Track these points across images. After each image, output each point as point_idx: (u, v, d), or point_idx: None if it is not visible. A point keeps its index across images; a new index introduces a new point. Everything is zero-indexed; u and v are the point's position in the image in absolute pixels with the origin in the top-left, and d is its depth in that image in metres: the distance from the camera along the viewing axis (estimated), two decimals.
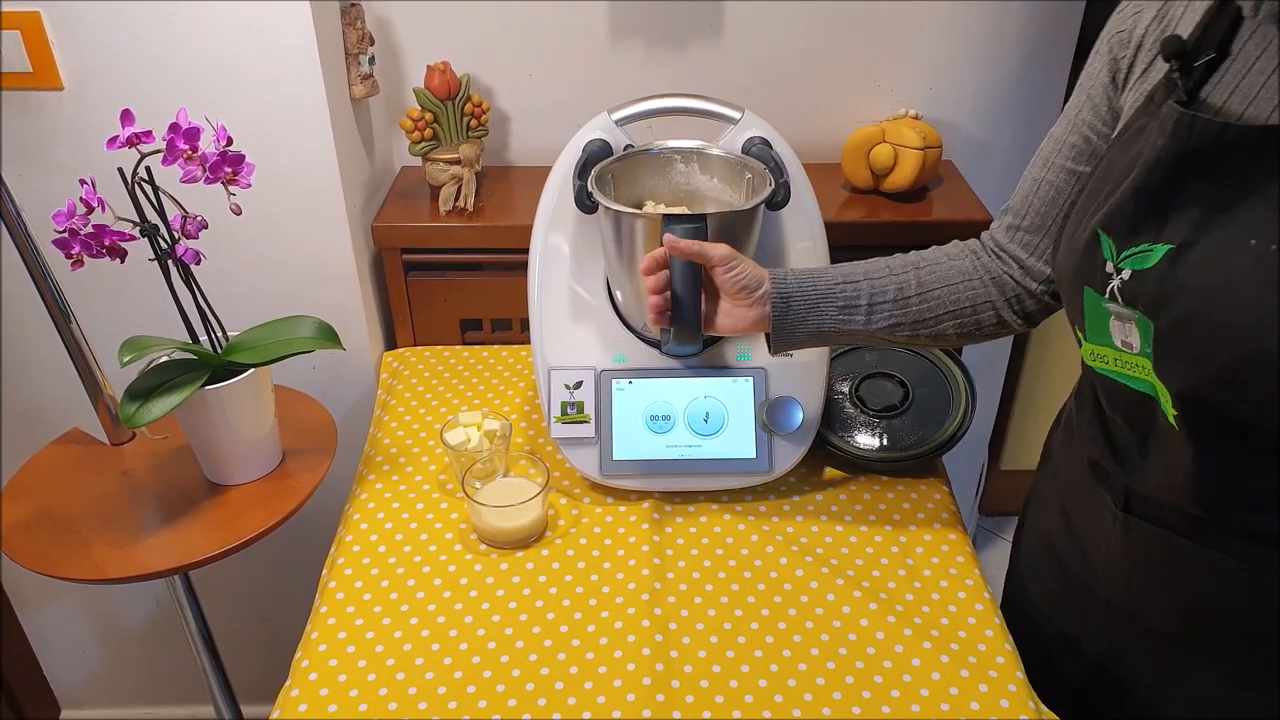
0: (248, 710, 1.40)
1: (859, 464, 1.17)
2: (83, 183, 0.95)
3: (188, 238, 1.02)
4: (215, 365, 1.06)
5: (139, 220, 0.99)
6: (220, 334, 1.09)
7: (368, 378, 1.42)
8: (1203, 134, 0.68)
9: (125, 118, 0.94)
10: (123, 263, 0.99)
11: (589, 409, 1.12)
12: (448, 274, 1.39)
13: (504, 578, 1.04)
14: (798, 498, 1.15)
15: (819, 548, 1.08)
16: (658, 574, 1.04)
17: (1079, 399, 0.94)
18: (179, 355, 1.06)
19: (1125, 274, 0.73)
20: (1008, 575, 1.11)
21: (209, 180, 0.97)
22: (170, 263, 1.02)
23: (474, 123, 1.38)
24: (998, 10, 1.40)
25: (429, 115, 1.35)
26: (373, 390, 1.41)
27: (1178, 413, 0.73)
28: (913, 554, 1.07)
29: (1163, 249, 0.70)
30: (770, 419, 1.11)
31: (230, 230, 1.08)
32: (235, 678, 1.33)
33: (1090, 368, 0.82)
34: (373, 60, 1.32)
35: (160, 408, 0.99)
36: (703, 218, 0.98)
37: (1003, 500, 2.23)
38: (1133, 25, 0.80)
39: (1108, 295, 0.75)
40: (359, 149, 1.35)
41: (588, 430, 1.12)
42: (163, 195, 0.99)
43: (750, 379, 1.13)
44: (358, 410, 1.43)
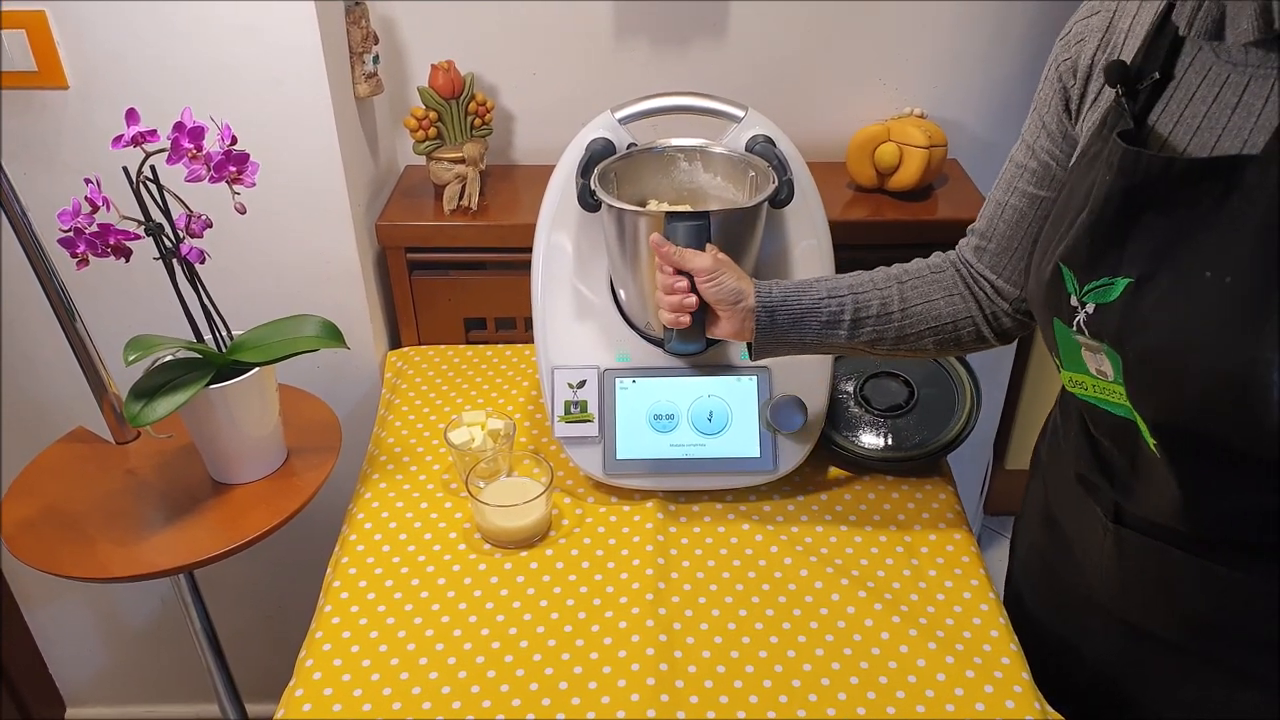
0: (252, 709, 1.40)
1: (863, 464, 1.17)
2: (87, 182, 0.95)
3: (192, 237, 1.02)
4: (220, 364, 1.06)
5: (144, 219, 0.99)
6: (225, 333, 1.09)
7: (372, 377, 1.42)
8: (1149, 169, 0.68)
9: (130, 117, 0.94)
10: (127, 262, 0.99)
11: (592, 408, 1.12)
12: (451, 273, 1.39)
13: (508, 577, 1.04)
14: (802, 497, 1.14)
15: (823, 547, 1.07)
16: (662, 574, 1.03)
17: (1064, 413, 0.93)
18: (183, 354, 1.06)
19: (1089, 307, 0.73)
20: (1006, 580, 1.11)
21: (213, 179, 0.97)
22: (175, 262, 1.02)
23: (478, 121, 1.38)
24: (1003, 9, 1.40)
25: (433, 114, 1.35)
26: (377, 389, 1.41)
27: (1156, 440, 0.73)
28: (918, 554, 1.07)
29: (1123, 282, 0.70)
30: (774, 418, 1.11)
31: (235, 229, 1.08)
32: (240, 676, 1.33)
33: (1071, 393, 0.82)
34: (377, 59, 1.32)
35: (165, 407, 0.99)
36: (705, 215, 0.98)
37: (1008, 500, 2.23)
38: (1077, 54, 0.80)
39: (1075, 328, 0.75)
40: (363, 148, 1.35)
41: (591, 429, 1.12)
42: (167, 194, 0.99)
43: (754, 378, 1.13)
44: (362, 409, 1.43)
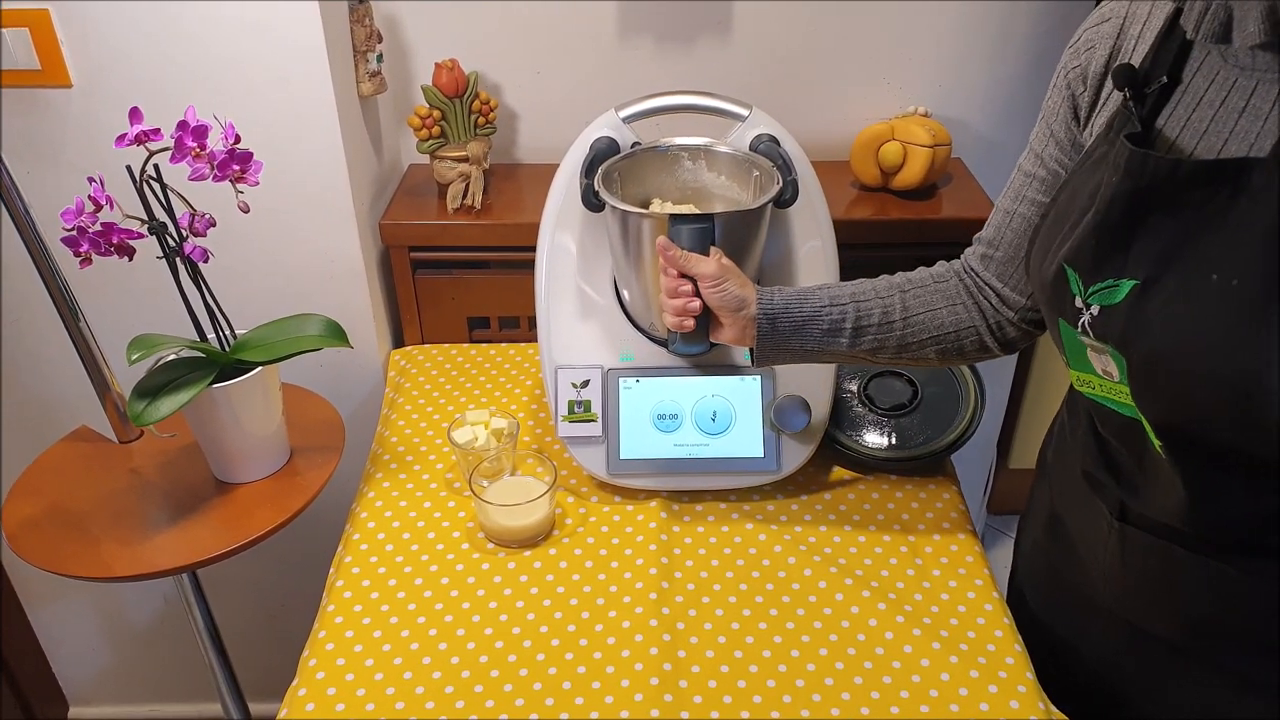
0: (255, 708, 1.40)
1: (867, 463, 1.17)
2: (91, 180, 0.95)
3: (196, 235, 1.02)
4: (223, 363, 1.06)
5: (147, 218, 0.99)
6: (228, 332, 1.09)
7: (375, 376, 1.42)
8: (1156, 171, 0.68)
9: (134, 115, 0.94)
10: (131, 260, 0.99)
11: (596, 408, 1.12)
12: (455, 272, 1.39)
13: (511, 577, 1.04)
14: (806, 497, 1.14)
15: (827, 547, 1.07)
16: (665, 573, 1.03)
17: (1071, 410, 0.93)
18: (187, 353, 1.06)
19: (1094, 309, 0.73)
20: (1009, 581, 1.10)
21: (217, 178, 0.97)
22: (178, 261, 1.02)
23: (482, 120, 1.38)
24: (1007, 7, 1.40)
25: (437, 113, 1.34)
26: (380, 388, 1.41)
27: (1161, 442, 0.73)
28: (921, 553, 1.06)
29: (1128, 284, 0.70)
30: (778, 418, 1.10)
31: (238, 228, 1.08)
32: (243, 675, 1.33)
33: (1079, 391, 0.82)
34: (380, 58, 1.32)
35: (168, 406, 0.99)
36: (710, 217, 0.97)
37: (1011, 499, 2.22)
38: (1087, 61, 0.80)
39: (1080, 330, 0.75)
40: (367, 147, 1.34)
41: (595, 429, 1.12)
42: (171, 193, 0.99)
43: (758, 378, 1.13)
44: (365, 408, 1.43)
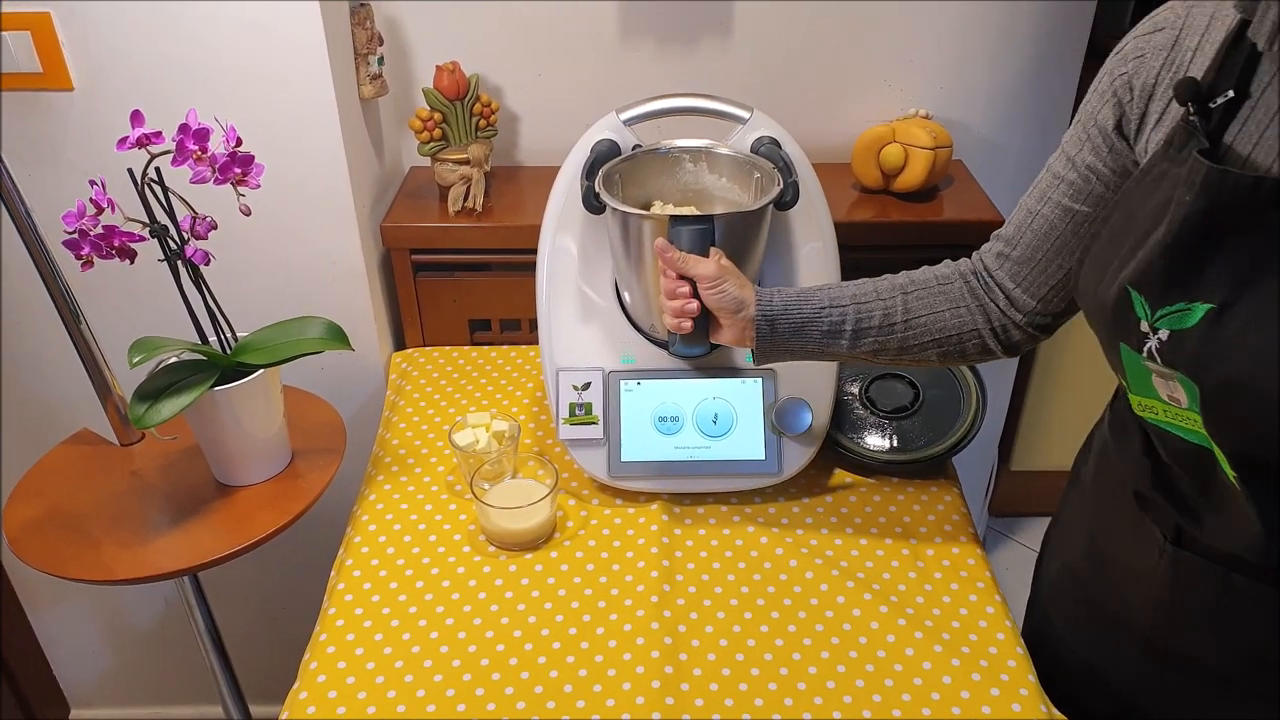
0: (256, 710, 1.40)
1: (869, 466, 1.17)
2: (92, 183, 0.95)
3: (197, 238, 1.02)
4: (224, 366, 1.06)
5: (149, 221, 0.99)
6: (229, 335, 1.09)
7: (376, 378, 1.42)
8: (1235, 190, 0.64)
9: (135, 118, 0.94)
10: (132, 263, 0.99)
11: (597, 410, 1.12)
12: (456, 274, 1.39)
13: (512, 580, 1.04)
14: (807, 499, 1.14)
15: (829, 550, 1.07)
16: (666, 576, 1.03)
17: (1119, 430, 0.90)
18: (188, 356, 1.06)
19: (1163, 334, 0.69)
20: (1030, 601, 1.08)
21: (218, 181, 0.97)
22: (180, 263, 1.02)
23: (483, 123, 1.38)
24: (1008, 9, 1.39)
25: (438, 115, 1.34)
26: (381, 391, 1.41)
27: (1237, 473, 0.70)
28: (923, 556, 1.06)
29: (1202, 308, 0.67)
30: (779, 420, 1.10)
31: (239, 231, 1.08)
32: (244, 678, 1.33)
33: (1140, 416, 0.79)
34: (382, 60, 1.32)
35: (170, 408, 0.99)
36: (710, 219, 0.97)
37: (1013, 501, 2.22)
38: (1135, 69, 0.77)
39: (1145, 355, 0.71)
40: (368, 149, 1.34)
41: (596, 431, 1.12)
42: (172, 196, 0.99)
43: (759, 380, 1.13)
44: (366, 411, 1.43)
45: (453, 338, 1.44)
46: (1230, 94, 0.68)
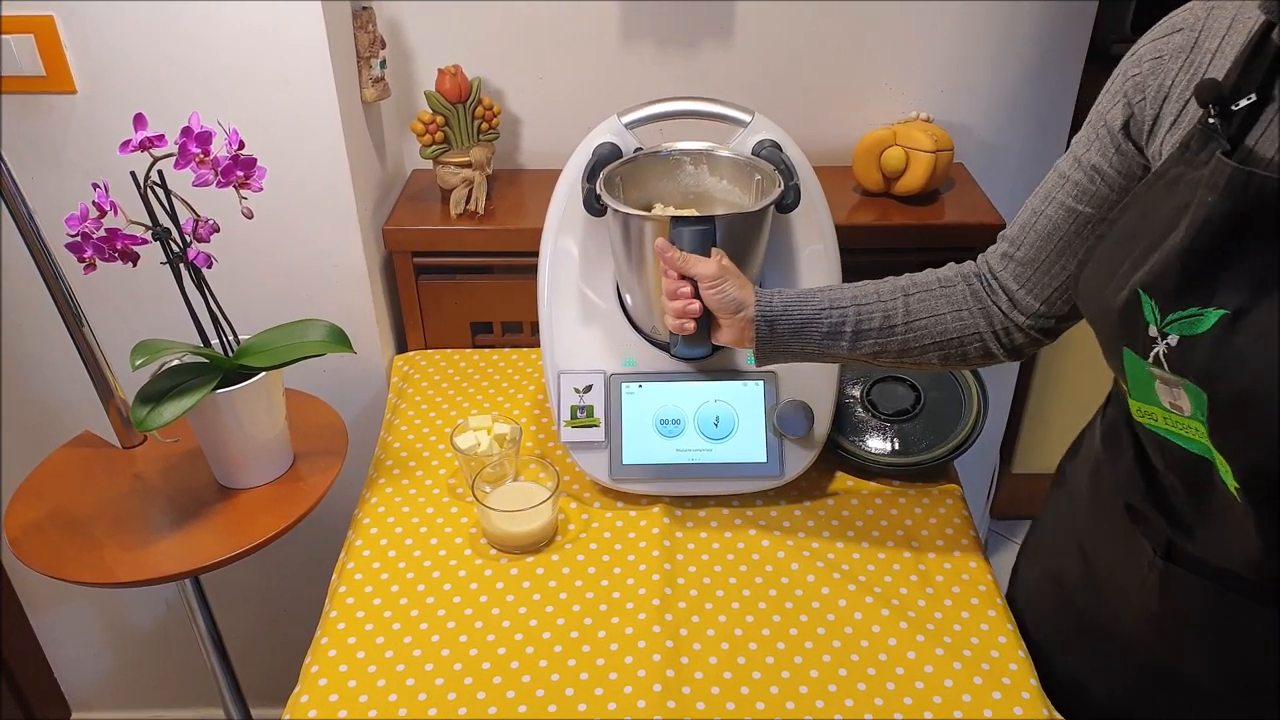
0: (257, 713, 1.40)
1: (870, 469, 1.17)
2: (95, 186, 0.95)
3: (199, 241, 1.02)
4: (226, 368, 1.06)
5: (151, 224, 0.99)
6: (231, 337, 1.09)
7: (378, 381, 1.42)
8: (1261, 192, 0.63)
9: (138, 121, 0.94)
10: (135, 266, 0.99)
11: (599, 413, 1.12)
12: (458, 277, 1.39)
13: (514, 583, 1.04)
14: (809, 502, 1.14)
15: (830, 553, 1.07)
16: (668, 579, 1.03)
17: (1111, 440, 0.88)
18: (190, 358, 1.06)
19: (1172, 339, 0.68)
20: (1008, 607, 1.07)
21: (221, 184, 0.97)
22: (182, 266, 1.02)
23: (484, 126, 1.38)
24: (1009, 11, 1.39)
25: (440, 118, 1.35)
26: (383, 393, 1.41)
27: (1240, 485, 0.68)
28: (924, 559, 1.06)
29: (1215, 314, 0.65)
30: (781, 423, 1.10)
31: (242, 233, 1.08)
32: (245, 680, 1.33)
33: (1139, 423, 0.78)
34: (384, 63, 1.32)
35: (172, 411, 0.99)
36: (711, 220, 0.98)
37: (1014, 504, 2.22)
38: (1151, 71, 0.76)
39: (1151, 360, 0.70)
40: (370, 152, 1.35)
41: (598, 434, 1.12)
42: (175, 199, 0.99)
43: (761, 383, 1.13)
44: (368, 413, 1.43)
45: (454, 340, 1.44)
46: (1253, 97, 0.67)
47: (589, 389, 1.12)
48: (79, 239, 0.95)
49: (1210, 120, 0.68)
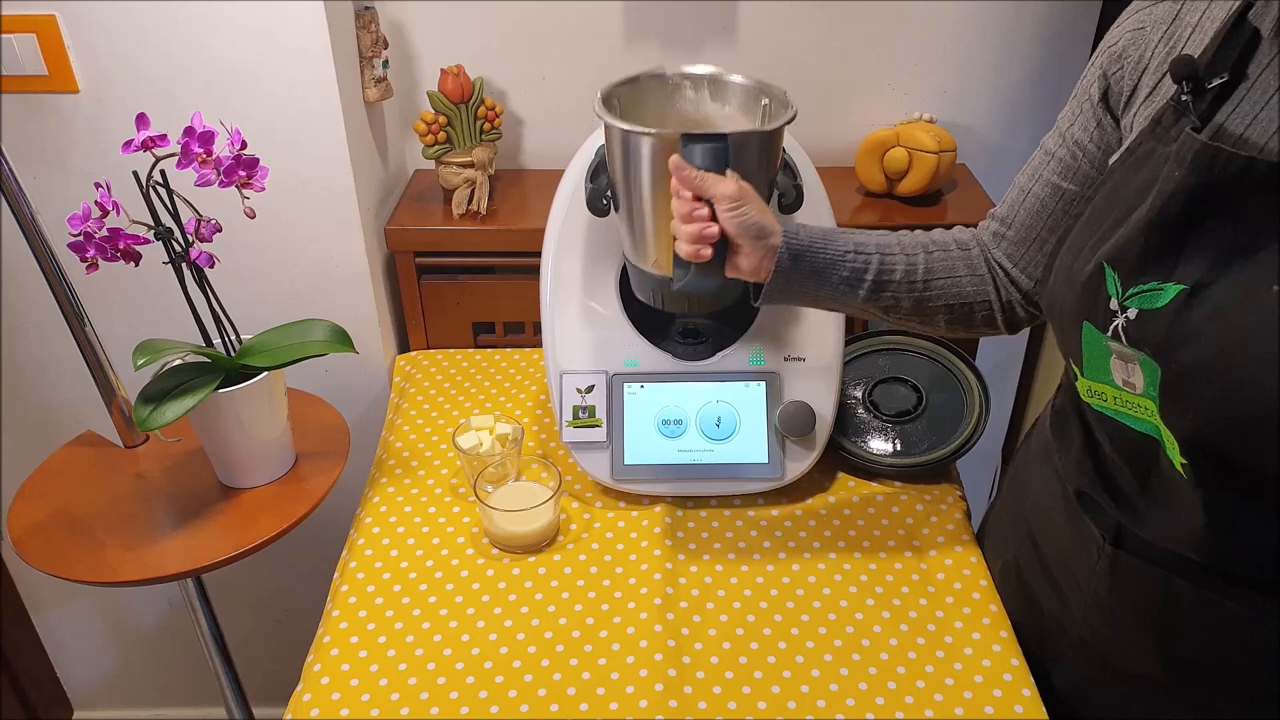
0: (259, 712, 1.40)
1: (872, 470, 1.17)
2: (97, 186, 0.96)
3: (202, 241, 1.02)
4: (229, 368, 1.06)
5: (153, 224, 0.99)
6: (234, 337, 1.09)
7: (380, 381, 1.42)
8: (1225, 168, 0.63)
9: (140, 121, 0.94)
10: (137, 266, 0.99)
11: (600, 413, 1.12)
12: (460, 277, 1.39)
13: (516, 582, 1.04)
14: (810, 502, 1.14)
15: (831, 553, 1.07)
16: (670, 579, 1.03)
17: (1060, 426, 0.88)
18: (192, 358, 1.07)
19: (1131, 313, 0.69)
20: None
21: (223, 184, 0.97)
22: (184, 266, 1.03)
23: (487, 126, 1.38)
24: (1012, 13, 1.40)
25: (442, 119, 1.35)
26: (385, 393, 1.41)
27: (1186, 461, 0.69)
28: (926, 560, 1.06)
29: (1174, 289, 0.66)
30: (782, 424, 1.10)
31: (244, 233, 1.08)
32: (247, 680, 1.33)
33: (1086, 403, 0.79)
34: (386, 64, 1.32)
35: (174, 411, 0.99)
36: (724, 137, 0.87)
37: None
38: (1130, 42, 0.77)
39: (1110, 334, 0.71)
40: (372, 152, 1.35)
41: (599, 434, 1.12)
42: (177, 199, 1.00)
43: (763, 384, 1.13)
44: (370, 413, 1.43)
45: (456, 340, 1.44)
46: (1225, 77, 0.68)
47: (591, 389, 1.12)
48: (81, 239, 0.96)
49: (1183, 97, 0.69)
